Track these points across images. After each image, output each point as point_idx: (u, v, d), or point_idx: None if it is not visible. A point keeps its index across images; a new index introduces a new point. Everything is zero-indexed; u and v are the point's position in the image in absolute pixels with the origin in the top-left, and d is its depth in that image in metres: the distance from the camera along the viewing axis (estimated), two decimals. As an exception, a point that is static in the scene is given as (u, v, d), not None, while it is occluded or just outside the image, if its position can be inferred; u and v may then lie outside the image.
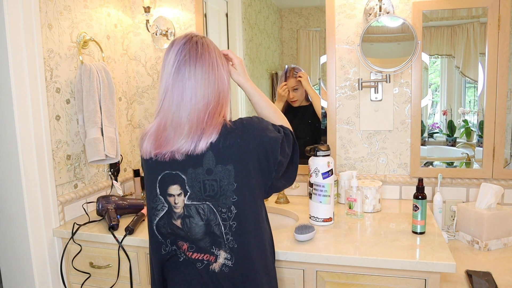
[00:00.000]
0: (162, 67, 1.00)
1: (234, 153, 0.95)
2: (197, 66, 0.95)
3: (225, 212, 0.97)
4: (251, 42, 1.94)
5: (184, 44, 0.97)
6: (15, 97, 1.38)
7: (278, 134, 1.03)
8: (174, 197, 0.99)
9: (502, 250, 1.48)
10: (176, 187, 0.98)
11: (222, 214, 0.97)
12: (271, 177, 1.02)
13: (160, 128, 0.97)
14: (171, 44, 1.00)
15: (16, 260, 1.50)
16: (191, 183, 0.96)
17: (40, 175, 1.47)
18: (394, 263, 1.15)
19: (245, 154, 0.96)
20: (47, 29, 1.52)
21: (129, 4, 2.05)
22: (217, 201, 0.96)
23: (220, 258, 0.99)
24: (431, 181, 1.72)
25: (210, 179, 0.95)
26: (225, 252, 0.98)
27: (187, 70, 0.95)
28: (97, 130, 1.62)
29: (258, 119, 1.04)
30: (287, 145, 1.05)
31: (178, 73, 0.95)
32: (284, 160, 1.04)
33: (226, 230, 0.97)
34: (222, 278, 0.99)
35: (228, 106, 1.02)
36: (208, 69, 0.96)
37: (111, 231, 1.46)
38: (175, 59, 0.96)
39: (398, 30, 1.62)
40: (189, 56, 0.95)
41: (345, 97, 1.80)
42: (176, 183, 0.98)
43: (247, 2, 1.93)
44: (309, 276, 1.25)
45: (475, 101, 1.71)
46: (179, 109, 0.95)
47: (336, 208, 1.65)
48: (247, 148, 0.96)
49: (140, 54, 2.07)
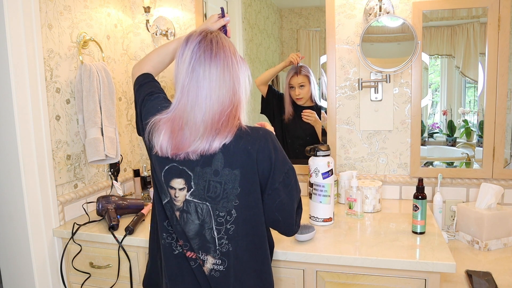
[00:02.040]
0: (176, 62, 0.98)
1: (243, 159, 0.95)
2: (211, 66, 0.94)
3: (223, 216, 0.96)
4: (251, 42, 1.94)
5: (199, 43, 0.95)
6: (15, 97, 1.38)
7: (288, 164, 1.01)
8: (175, 190, 0.99)
9: (502, 250, 1.48)
10: (180, 181, 0.98)
11: (219, 218, 0.96)
12: (264, 197, 1.00)
13: (176, 127, 0.95)
14: (186, 40, 0.98)
15: (16, 260, 1.50)
16: (197, 181, 0.96)
17: (40, 175, 1.47)
18: (394, 263, 1.15)
19: (253, 162, 0.95)
20: (47, 29, 1.52)
21: (129, 4, 2.05)
22: (217, 204, 0.96)
23: (208, 263, 0.99)
24: (431, 181, 1.72)
25: (215, 181, 0.95)
26: (213, 258, 0.98)
27: (202, 70, 0.93)
28: (97, 130, 1.62)
29: (276, 140, 1.02)
30: (292, 182, 1.02)
31: (193, 72, 0.94)
32: (280, 190, 1.00)
33: (220, 235, 0.97)
34: (212, 281, 1.00)
35: (243, 107, 0.98)
36: (223, 69, 0.94)
37: (111, 231, 1.46)
38: (190, 58, 0.94)
39: (398, 30, 1.62)
40: (204, 56, 0.94)
41: (345, 97, 1.80)
42: (181, 177, 0.98)
43: (247, 2, 1.93)
44: (309, 276, 1.25)
45: (475, 101, 1.71)
46: (194, 110, 0.94)
47: (336, 208, 1.65)
48: (256, 157, 0.95)
49: (140, 54, 2.07)
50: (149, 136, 0.99)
